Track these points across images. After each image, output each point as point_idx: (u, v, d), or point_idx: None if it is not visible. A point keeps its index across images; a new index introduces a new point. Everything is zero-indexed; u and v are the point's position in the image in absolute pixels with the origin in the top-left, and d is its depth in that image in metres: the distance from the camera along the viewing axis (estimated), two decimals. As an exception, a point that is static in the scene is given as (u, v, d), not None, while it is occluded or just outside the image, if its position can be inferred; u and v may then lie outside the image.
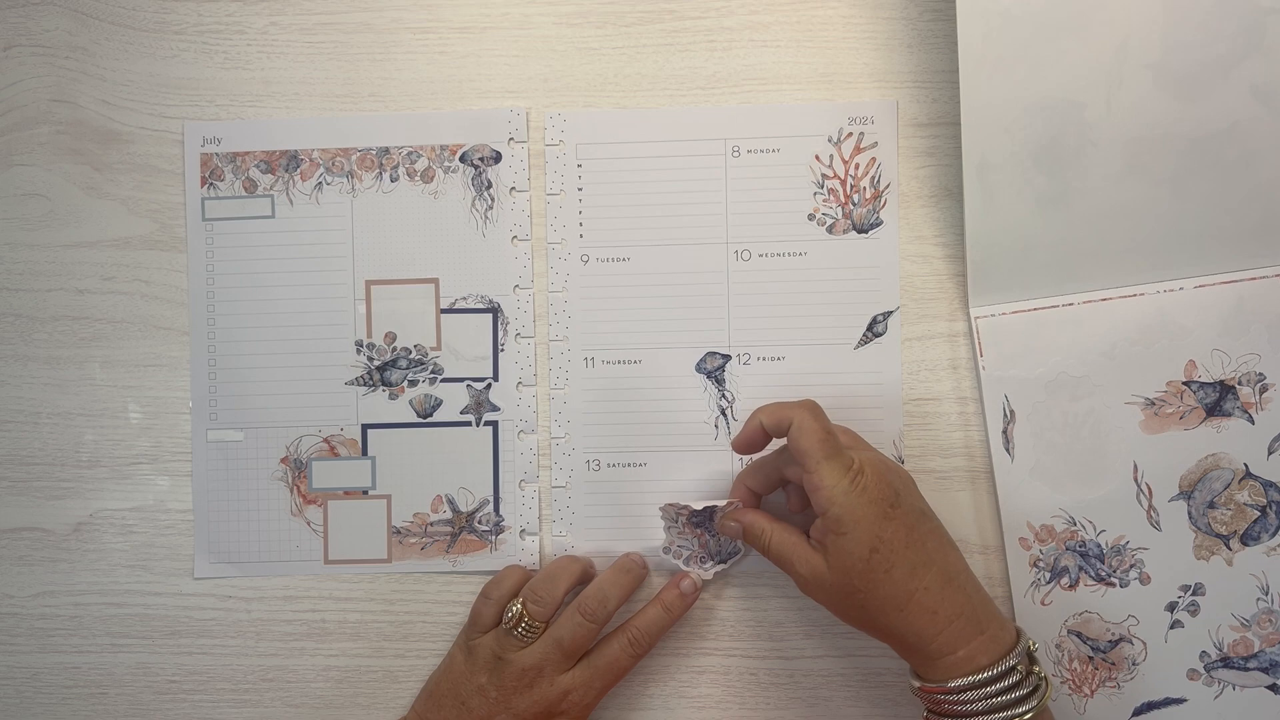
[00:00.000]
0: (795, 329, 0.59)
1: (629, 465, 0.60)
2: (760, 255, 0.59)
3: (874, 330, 0.59)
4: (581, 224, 0.60)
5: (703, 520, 0.57)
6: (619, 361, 0.60)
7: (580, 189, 0.60)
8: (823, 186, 0.59)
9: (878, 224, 0.59)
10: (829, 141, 0.59)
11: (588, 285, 0.60)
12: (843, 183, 0.59)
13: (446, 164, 0.60)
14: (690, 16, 0.60)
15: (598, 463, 0.60)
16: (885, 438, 0.59)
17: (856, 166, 0.59)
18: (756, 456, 0.56)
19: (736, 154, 0.59)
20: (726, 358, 0.60)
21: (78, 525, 0.61)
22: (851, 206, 0.59)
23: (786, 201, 0.59)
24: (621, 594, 0.56)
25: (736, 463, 0.59)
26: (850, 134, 0.59)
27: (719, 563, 0.58)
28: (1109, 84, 0.53)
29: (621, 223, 0.60)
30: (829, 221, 0.59)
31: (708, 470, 0.60)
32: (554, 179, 0.60)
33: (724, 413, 0.60)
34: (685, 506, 0.56)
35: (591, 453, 0.60)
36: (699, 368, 0.60)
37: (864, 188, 0.59)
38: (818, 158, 0.59)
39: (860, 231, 0.59)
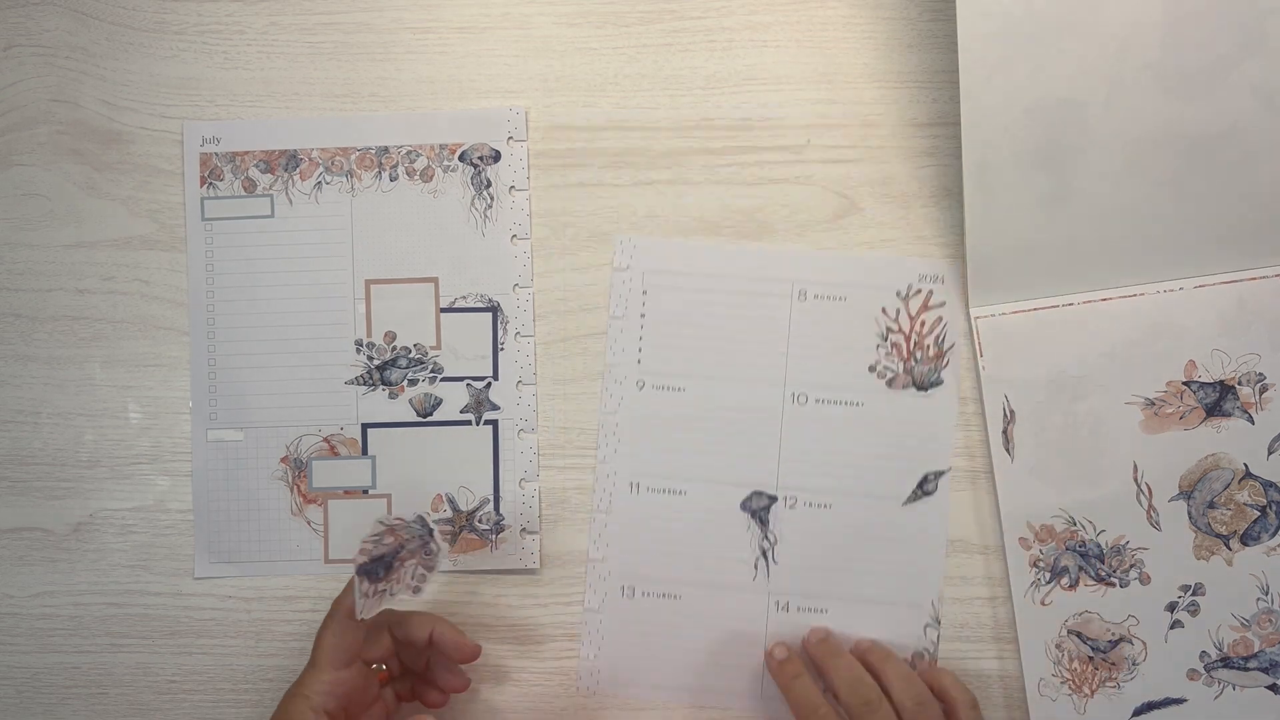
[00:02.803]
0: (845, 478, 0.58)
1: (664, 596, 0.59)
2: (817, 401, 0.59)
3: (924, 488, 0.58)
4: (640, 349, 0.59)
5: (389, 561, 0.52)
6: (664, 490, 0.59)
7: (643, 314, 0.59)
8: (886, 339, 0.58)
9: (938, 383, 0.58)
10: (897, 296, 0.59)
11: (642, 412, 0.59)
12: (907, 338, 0.58)
13: (446, 163, 0.60)
14: (690, 16, 0.60)
15: (633, 590, 0.59)
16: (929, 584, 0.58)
17: (922, 324, 0.59)
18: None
19: (803, 298, 0.59)
20: (773, 499, 0.59)
21: (78, 525, 0.61)
22: (913, 363, 0.58)
23: (849, 350, 0.59)
24: None
25: (773, 605, 0.58)
26: (919, 290, 0.59)
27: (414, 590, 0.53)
28: (1109, 84, 0.52)
29: (681, 353, 0.59)
30: (889, 375, 0.58)
31: (742, 610, 0.58)
32: (618, 302, 0.60)
33: (765, 554, 0.59)
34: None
35: (628, 579, 0.59)
36: (744, 505, 0.59)
37: (928, 345, 0.58)
38: (884, 310, 0.59)
39: (920, 389, 0.58)
